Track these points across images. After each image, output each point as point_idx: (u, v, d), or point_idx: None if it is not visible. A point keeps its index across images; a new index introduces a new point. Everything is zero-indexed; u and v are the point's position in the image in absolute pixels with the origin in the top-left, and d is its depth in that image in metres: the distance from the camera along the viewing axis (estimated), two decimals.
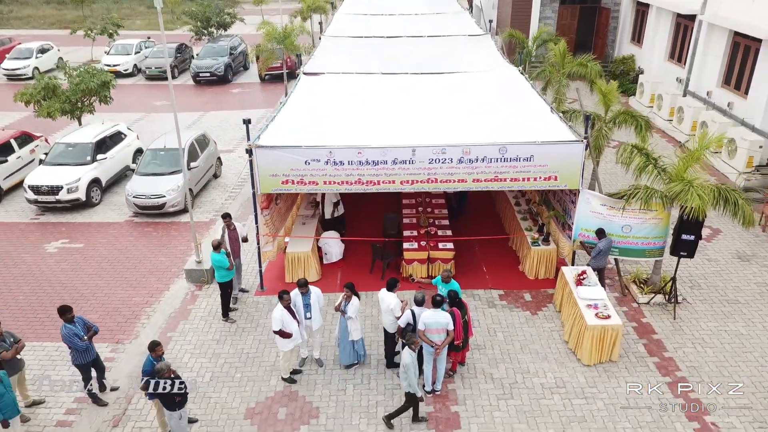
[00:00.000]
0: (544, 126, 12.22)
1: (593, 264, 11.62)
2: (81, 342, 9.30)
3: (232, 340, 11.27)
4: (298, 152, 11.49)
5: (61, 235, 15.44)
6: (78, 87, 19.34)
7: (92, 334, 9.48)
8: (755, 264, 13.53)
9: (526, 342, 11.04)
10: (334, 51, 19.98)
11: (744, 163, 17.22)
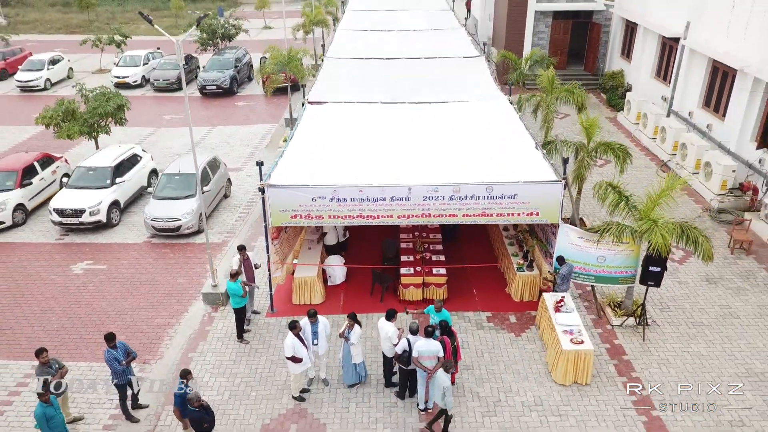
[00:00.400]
0: (528, 164, 13.49)
1: (559, 289, 12.94)
2: (119, 366, 10.63)
3: (247, 360, 12.61)
4: (306, 190, 12.77)
5: (86, 256, 16.75)
6: (95, 111, 20.55)
7: (130, 360, 10.81)
8: (721, 287, 14.83)
9: (509, 363, 12.38)
10: (336, 75, 21.18)
11: (719, 185, 18.48)
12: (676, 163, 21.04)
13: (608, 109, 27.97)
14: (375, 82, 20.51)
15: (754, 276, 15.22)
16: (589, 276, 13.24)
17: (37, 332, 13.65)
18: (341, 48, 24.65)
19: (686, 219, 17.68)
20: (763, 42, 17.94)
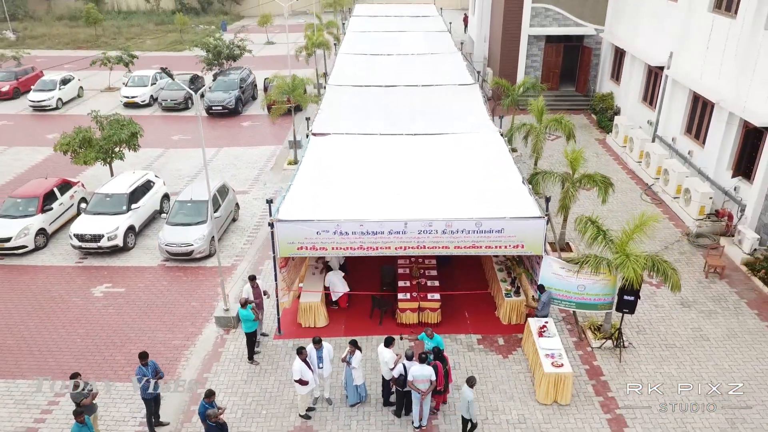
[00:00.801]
0: (515, 199, 14.72)
1: (539, 314, 14.17)
2: (146, 383, 11.84)
3: (257, 380, 13.81)
4: (311, 225, 13.99)
5: (104, 279, 17.97)
6: (111, 138, 21.78)
7: (158, 378, 12.02)
8: (694, 310, 16.04)
9: (497, 383, 13.58)
10: (337, 103, 22.42)
11: (697, 211, 19.69)
12: (659, 187, 22.25)
13: (598, 131, 29.22)
14: (374, 110, 21.76)
15: (725, 300, 16.42)
16: (571, 302, 14.46)
17: (63, 353, 14.84)
18: (342, 74, 25.89)
19: (667, 242, 19.06)
20: (736, 80, 19.19)
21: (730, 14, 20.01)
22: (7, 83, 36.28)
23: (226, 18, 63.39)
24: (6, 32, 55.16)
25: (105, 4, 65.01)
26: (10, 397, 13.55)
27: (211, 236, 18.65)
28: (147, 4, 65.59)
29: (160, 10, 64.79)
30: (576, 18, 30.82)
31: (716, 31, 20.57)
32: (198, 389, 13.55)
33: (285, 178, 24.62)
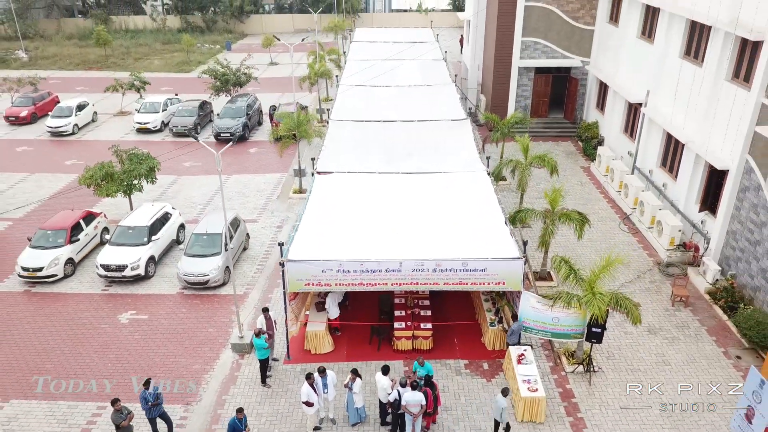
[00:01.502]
0: (497, 239, 16.61)
1: (509, 341, 16.06)
2: (146, 405, 13.74)
3: (270, 402, 15.68)
4: (317, 264, 15.88)
5: (129, 306, 19.86)
6: (131, 173, 23.68)
7: (156, 403, 13.91)
8: (660, 336, 17.92)
9: (481, 404, 15.46)
10: (339, 138, 24.33)
11: (668, 242, 21.58)
12: (636, 217, 24.14)
13: (584, 158, 31.13)
14: (373, 146, 23.72)
15: (687, 327, 18.31)
16: (546, 332, 16.34)
17: (97, 377, 16.71)
18: (344, 107, 27.85)
19: (640, 271, 20.97)
20: (701, 124, 21.11)
21: (697, 62, 21.95)
22: (25, 108, 38.21)
23: (231, 36, 65.37)
24: (18, 52, 57.19)
25: (113, 22, 67.01)
26: (52, 416, 15.42)
27: (225, 266, 20.56)
28: (153, 23, 67.59)
29: (166, 28, 66.77)
30: (563, 51, 32.77)
31: (685, 76, 22.51)
32: (218, 410, 15.42)
33: (291, 206, 26.59)
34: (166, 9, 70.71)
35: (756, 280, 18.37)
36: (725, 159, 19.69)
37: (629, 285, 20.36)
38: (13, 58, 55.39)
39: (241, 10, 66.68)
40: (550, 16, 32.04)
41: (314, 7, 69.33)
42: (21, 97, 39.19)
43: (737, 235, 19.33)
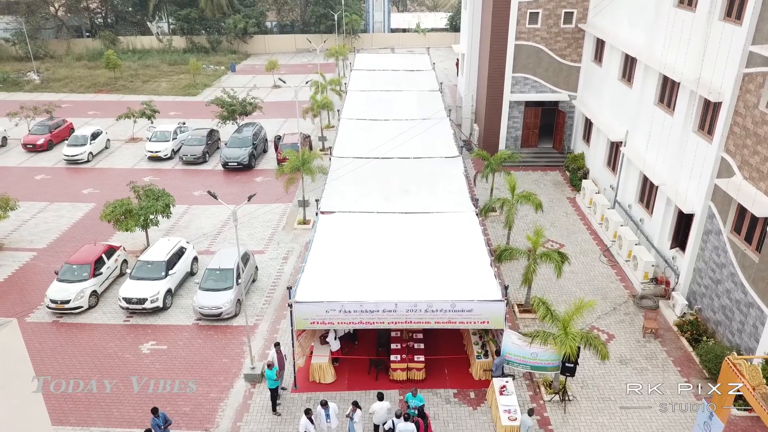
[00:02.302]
0: (483, 282, 18.58)
1: (493, 374, 18.02)
2: (157, 429, 15.67)
3: (280, 428, 17.62)
4: (321, 305, 17.84)
5: (149, 337, 21.81)
6: (149, 209, 25.66)
7: (167, 425, 15.84)
8: (630, 367, 19.86)
9: (466, 430, 17.39)
10: (341, 176, 26.27)
11: (642, 275, 23.53)
12: (615, 250, 26.10)
13: (570, 189, 33.12)
14: (372, 182, 25.81)
15: (656, 358, 20.25)
16: (526, 365, 18.27)
17: (124, 405, 18.64)
18: (345, 142, 29.91)
19: (616, 303, 22.91)
20: (671, 169, 23.10)
21: (669, 110, 23.96)
22: (41, 136, 40.23)
23: (234, 57, 67.47)
24: (30, 73, 59.27)
25: (120, 42, 69.13)
26: None
27: (237, 299, 22.54)
28: (159, 44, 69.69)
29: (172, 49, 68.89)
30: (551, 86, 34.79)
31: (658, 122, 24.50)
32: None
33: (296, 237, 28.57)
34: (171, 30, 72.83)
35: (717, 315, 20.33)
36: (691, 203, 21.67)
37: (605, 317, 22.32)
38: (26, 80, 57.45)
39: (245, 31, 68.76)
40: (539, 54, 34.07)
41: (316, 27, 71.60)
42: (37, 125, 41.18)
43: (702, 272, 21.29)
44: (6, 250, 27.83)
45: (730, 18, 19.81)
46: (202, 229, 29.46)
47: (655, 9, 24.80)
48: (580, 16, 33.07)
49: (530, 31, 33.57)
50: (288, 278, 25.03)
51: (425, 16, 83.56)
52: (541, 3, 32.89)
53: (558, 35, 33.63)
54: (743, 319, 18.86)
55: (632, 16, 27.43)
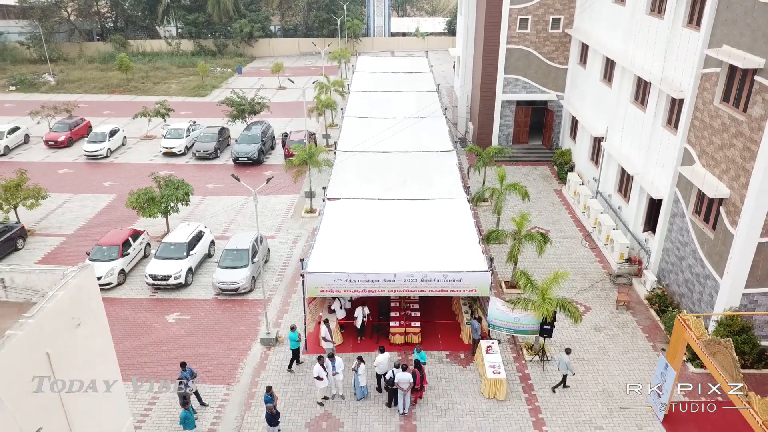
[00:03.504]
0: (472, 256, 21.06)
1: (474, 336, 20.50)
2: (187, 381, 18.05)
3: (293, 383, 20.09)
4: (329, 276, 20.33)
5: (174, 309, 24.29)
6: (170, 197, 28.17)
7: (193, 378, 18.26)
8: (603, 334, 22.35)
9: (457, 385, 19.86)
10: (345, 168, 28.81)
11: (618, 256, 26.04)
12: (596, 235, 28.62)
13: (557, 182, 35.65)
14: (374, 174, 28.26)
15: (627, 326, 22.74)
16: (510, 329, 20.75)
17: (155, 365, 21.11)
18: (348, 138, 32.36)
19: (594, 281, 25.38)
20: (643, 161, 25.64)
21: (642, 107, 26.51)
22: (62, 134, 42.76)
23: (241, 60, 70.09)
24: (46, 75, 61.86)
25: (130, 46, 71.75)
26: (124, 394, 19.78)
27: (252, 276, 25.04)
28: (168, 47, 72.32)
29: (180, 52, 71.51)
30: (541, 86, 37.34)
31: (633, 118, 27.05)
32: (252, 389, 19.83)
33: (303, 224, 31.08)
34: (179, 33, 75.47)
35: (681, 288, 22.83)
36: (660, 190, 24.19)
37: (584, 292, 24.81)
38: (42, 82, 60.03)
39: (250, 34, 71.39)
40: (529, 57, 36.64)
41: (318, 31, 74.25)
42: (58, 123, 43.72)
43: (669, 251, 23.80)
44: (37, 235, 30.31)
45: (692, 24, 22.38)
46: (217, 217, 31.97)
47: (631, 16, 27.37)
48: (567, 22, 35.64)
49: (521, 35, 36.14)
50: (297, 260, 27.51)
51: (424, 20, 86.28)
52: (531, 10, 35.46)
53: (546, 39, 36.20)
54: (702, 290, 21.35)
55: (611, 23, 30.01)
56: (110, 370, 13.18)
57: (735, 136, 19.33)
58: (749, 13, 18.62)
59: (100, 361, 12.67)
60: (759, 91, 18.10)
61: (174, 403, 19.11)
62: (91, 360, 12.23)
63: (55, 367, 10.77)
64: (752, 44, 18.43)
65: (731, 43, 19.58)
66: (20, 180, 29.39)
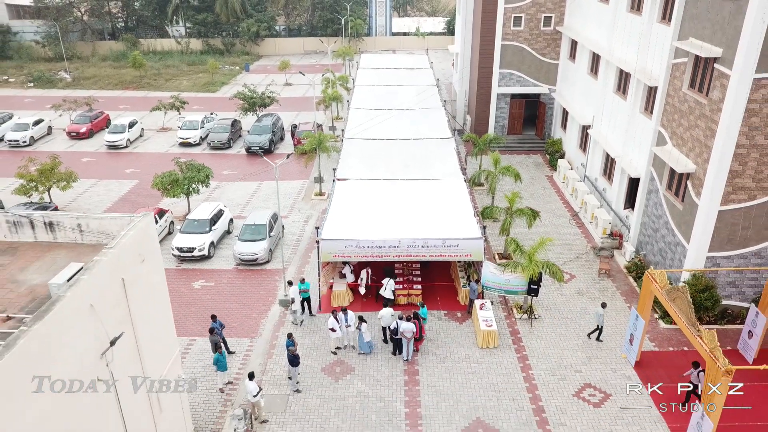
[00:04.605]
0: (468, 226, 23.67)
1: (471, 296, 23.10)
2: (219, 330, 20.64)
3: (309, 336, 22.68)
4: (341, 242, 22.94)
5: (199, 277, 26.90)
6: (193, 179, 30.79)
7: (222, 328, 20.85)
8: (586, 297, 24.95)
9: (454, 337, 22.46)
10: (352, 153, 31.45)
11: (601, 231, 28.65)
12: (582, 215, 31.23)
13: (549, 168, 38.29)
14: (379, 158, 30.87)
15: (607, 291, 25.34)
16: (501, 290, 23.35)
17: (187, 322, 23.69)
18: (355, 127, 34.99)
19: (579, 253, 27.98)
20: (624, 145, 28.29)
21: (624, 97, 29.14)
22: (83, 126, 45.41)
23: (248, 58, 72.78)
24: (62, 72, 64.52)
25: (141, 45, 74.43)
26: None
27: (269, 248, 27.65)
28: (178, 46, 75.00)
29: (189, 50, 74.19)
30: (534, 80, 39.99)
31: (616, 107, 29.69)
32: (273, 341, 22.42)
33: (313, 206, 33.71)
34: (188, 33, 78.18)
35: (656, 257, 25.43)
36: (638, 170, 26.82)
37: (569, 263, 27.41)
38: (58, 79, 62.70)
39: (257, 34, 74.08)
40: (522, 53, 39.28)
41: (322, 31, 76.91)
42: (79, 116, 46.38)
43: (646, 225, 26.41)
44: None
45: (664, 20, 25.03)
46: (233, 200, 34.59)
47: (613, 14, 30.02)
48: (558, 20, 38.28)
49: (515, 32, 38.79)
50: (309, 236, 30.14)
51: (424, 20, 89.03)
52: (524, 8, 38.12)
53: (539, 36, 38.84)
54: (673, 256, 23.96)
55: (597, 20, 32.65)
56: (164, 303, 15.75)
57: (699, 118, 21.95)
58: (711, 9, 21.26)
59: (157, 294, 15.25)
60: (718, 77, 20.72)
61: (205, 352, 21.70)
62: (151, 292, 14.82)
63: (128, 292, 13.35)
64: (712, 36, 21.07)
65: (696, 35, 22.21)
66: (54, 164, 31.98)
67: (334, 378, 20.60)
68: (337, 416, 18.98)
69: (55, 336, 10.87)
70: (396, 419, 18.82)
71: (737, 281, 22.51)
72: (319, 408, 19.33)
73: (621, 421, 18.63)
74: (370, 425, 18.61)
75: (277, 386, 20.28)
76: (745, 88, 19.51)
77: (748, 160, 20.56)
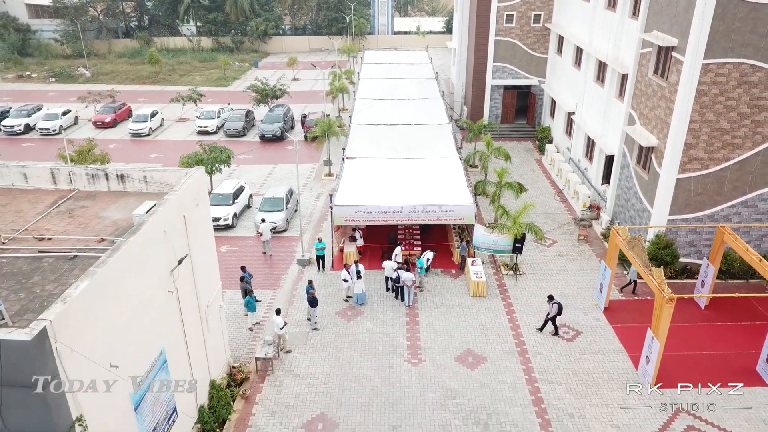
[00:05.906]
0: (462, 194, 27.21)
1: (463, 253, 26.61)
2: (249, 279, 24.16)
3: (324, 288, 26.18)
4: (352, 208, 26.48)
5: (225, 243, 30.44)
6: (216, 159, 34.35)
7: (250, 278, 24.39)
8: (565, 258, 28.47)
9: (449, 289, 25.98)
10: (359, 136, 35.01)
11: (581, 205, 32.19)
12: (566, 191, 34.77)
13: (538, 153, 41.84)
14: (383, 141, 34.40)
15: (584, 253, 28.87)
16: (490, 249, 26.88)
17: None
18: (360, 114, 38.55)
19: (561, 223, 31.54)
20: (602, 127, 31.84)
21: (602, 85, 32.69)
22: (108, 116, 49.02)
23: (256, 55, 76.39)
24: (81, 69, 68.12)
25: (154, 43, 78.04)
26: None
27: (286, 218, 31.19)
28: (189, 44, 78.60)
29: (200, 48, 77.80)
30: (525, 73, 43.53)
31: (595, 94, 33.24)
32: (293, 292, 25.94)
33: (324, 185, 37.27)
34: (199, 31, 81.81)
35: (627, 224, 28.94)
36: (612, 148, 30.36)
37: (552, 231, 30.94)
38: (78, 74, 66.30)
39: (265, 32, 77.70)
40: (514, 47, 42.83)
41: (327, 30, 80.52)
42: (104, 107, 49.97)
43: (620, 197, 29.94)
44: None
45: (634, 15, 28.58)
46: (250, 181, 38.13)
47: (593, 11, 33.60)
48: (546, 17, 41.84)
49: (507, 29, 42.34)
50: (321, 210, 33.67)
51: (425, 20, 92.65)
52: (516, 6, 41.67)
53: (529, 32, 42.39)
54: (641, 221, 27.47)
55: (580, 17, 36.21)
56: (211, 241, 19.31)
57: (660, 99, 25.48)
58: (669, 4, 24.80)
59: (207, 234, 18.80)
60: (674, 63, 24.26)
61: (234, 301, 25.20)
62: (203, 230, 18.36)
63: (188, 227, 16.87)
64: (671, 28, 24.62)
65: (659, 28, 25.75)
66: (90, 146, 35.53)
67: (347, 320, 24.15)
68: (350, 347, 22.51)
69: (143, 248, 14.41)
70: (399, 350, 22.35)
71: (694, 241, 26.04)
72: (334, 342, 22.86)
73: (589, 351, 22.15)
74: (378, 354, 22.13)
75: (299, 326, 23.81)
76: (695, 72, 23.05)
77: (700, 134, 24.08)
